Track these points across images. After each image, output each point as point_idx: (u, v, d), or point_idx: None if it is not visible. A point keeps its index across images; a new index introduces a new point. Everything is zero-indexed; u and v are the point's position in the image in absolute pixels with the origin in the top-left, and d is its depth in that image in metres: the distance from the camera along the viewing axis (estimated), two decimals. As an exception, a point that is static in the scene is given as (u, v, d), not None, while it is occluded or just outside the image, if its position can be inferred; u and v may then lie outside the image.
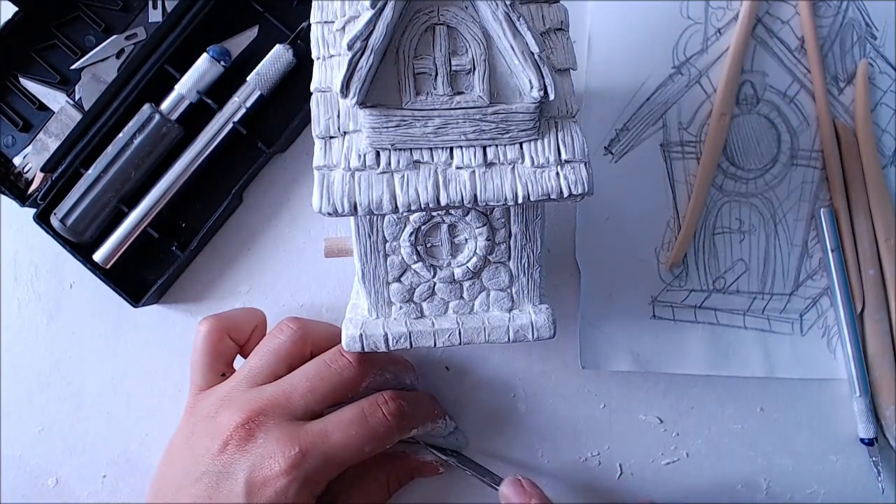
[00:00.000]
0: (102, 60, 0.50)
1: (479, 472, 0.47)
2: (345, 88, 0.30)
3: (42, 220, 0.48)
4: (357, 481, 0.46)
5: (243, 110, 0.49)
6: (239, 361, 0.47)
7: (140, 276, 0.50)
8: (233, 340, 0.46)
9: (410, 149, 0.32)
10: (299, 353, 0.44)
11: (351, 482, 0.45)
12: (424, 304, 0.39)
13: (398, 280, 0.38)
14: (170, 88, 0.48)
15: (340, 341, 0.40)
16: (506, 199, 0.32)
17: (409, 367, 0.47)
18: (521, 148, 0.32)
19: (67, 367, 0.51)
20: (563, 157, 0.32)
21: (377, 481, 0.46)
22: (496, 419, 0.50)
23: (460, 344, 0.39)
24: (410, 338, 0.38)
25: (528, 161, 0.32)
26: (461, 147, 0.32)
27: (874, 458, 0.49)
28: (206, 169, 0.49)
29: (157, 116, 0.48)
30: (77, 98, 0.50)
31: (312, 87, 0.33)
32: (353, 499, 0.45)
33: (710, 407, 0.50)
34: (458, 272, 0.38)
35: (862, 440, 0.49)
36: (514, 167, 0.32)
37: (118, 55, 0.50)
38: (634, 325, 0.50)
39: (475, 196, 0.32)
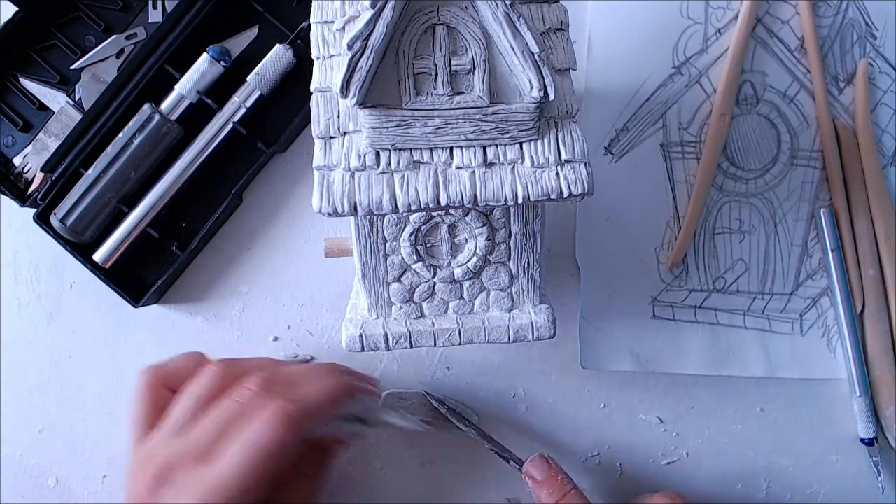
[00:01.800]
0: (102, 60, 0.50)
1: (497, 448, 0.47)
2: (345, 88, 0.30)
3: (42, 220, 0.48)
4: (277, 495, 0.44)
5: (243, 110, 0.49)
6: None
7: (140, 276, 0.50)
8: (170, 390, 0.44)
9: (410, 149, 0.32)
10: (219, 393, 0.42)
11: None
12: (424, 304, 0.39)
13: (398, 280, 0.38)
14: (170, 88, 0.48)
15: (255, 382, 0.40)
16: (506, 199, 0.32)
17: (357, 388, 0.45)
18: (521, 148, 0.32)
19: (67, 367, 0.51)
20: (563, 157, 0.32)
21: (295, 486, 0.44)
22: (496, 419, 0.50)
23: (460, 344, 0.39)
24: (410, 338, 0.38)
25: (528, 161, 0.32)
26: (461, 147, 0.32)
27: (874, 458, 0.49)
28: (206, 169, 0.49)
29: (157, 116, 0.48)
30: (77, 98, 0.50)
31: (312, 87, 0.33)
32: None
33: (710, 407, 0.50)
34: (458, 272, 0.38)
35: (862, 440, 0.49)
36: (514, 167, 0.32)
37: (118, 55, 0.50)
38: (634, 325, 0.50)
39: (475, 196, 0.32)
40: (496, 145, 0.32)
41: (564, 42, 0.35)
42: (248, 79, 0.49)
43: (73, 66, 0.50)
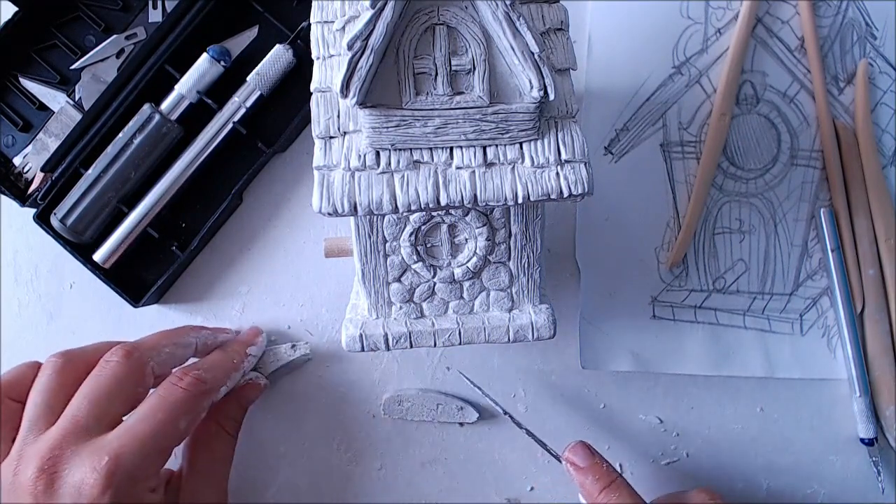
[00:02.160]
0: (102, 60, 0.50)
1: (536, 437, 0.47)
2: (345, 88, 0.30)
3: (42, 220, 0.48)
4: (193, 449, 0.45)
5: (243, 110, 0.49)
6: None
7: (140, 276, 0.50)
8: (15, 401, 0.43)
9: (410, 149, 0.32)
10: (70, 379, 0.42)
11: (189, 454, 0.45)
12: (424, 304, 0.39)
13: (398, 280, 0.38)
14: (170, 88, 0.48)
15: (102, 350, 0.42)
16: (506, 199, 0.32)
17: (195, 329, 0.47)
18: (521, 148, 0.32)
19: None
20: (563, 157, 0.32)
21: (212, 435, 0.46)
22: (496, 419, 0.50)
23: (460, 344, 0.39)
24: (410, 338, 0.38)
25: (528, 161, 0.32)
26: (461, 147, 0.32)
27: (874, 458, 0.49)
28: (206, 169, 0.49)
29: (157, 116, 0.48)
30: (77, 98, 0.50)
31: (312, 87, 0.33)
32: (199, 465, 0.45)
33: (710, 407, 0.50)
34: (458, 272, 0.38)
35: (862, 440, 0.49)
36: (514, 167, 0.32)
37: (118, 55, 0.50)
38: (634, 325, 0.50)
39: (475, 196, 0.32)
40: (496, 145, 0.32)
41: (564, 42, 0.35)
42: (248, 79, 0.49)
43: (73, 66, 0.50)
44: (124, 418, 0.41)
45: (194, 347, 0.46)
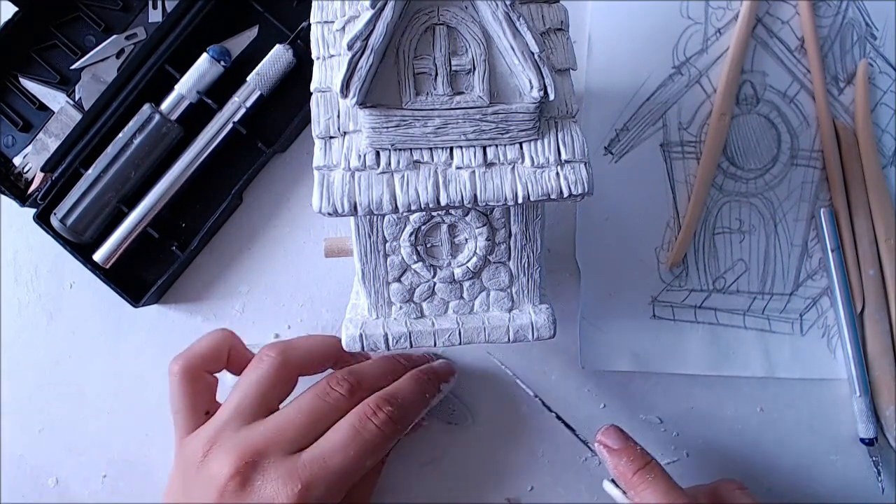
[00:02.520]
0: (102, 60, 0.50)
1: (565, 420, 0.46)
2: (345, 88, 0.30)
3: (42, 220, 0.48)
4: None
5: (243, 110, 0.49)
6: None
7: (140, 276, 0.50)
8: (209, 374, 0.44)
9: (410, 149, 0.32)
10: (283, 380, 0.43)
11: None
12: (424, 304, 0.39)
13: (398, 280, 0.38)
14: (170, 88, 0.48)
15: (324, 359, 0.42)
16: (506, 199, 0.32)
17: (422, 359, 0.46)
18: (521, 148, 0.32)
19: (67, 367, 0.51)
20: (563, 157, 0.32)
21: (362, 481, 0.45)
22: (496, 419, 0.50)
23: (460, 344, 0.39)
24: (410, 338, 0.38)
25: (528, 161, 0.32)
26: (461, 147, 0.32)
27: (874, 458, 0.49)
28: (206, 169, 0.49)
29: (157, 116, 0.48)
30: (77, 98, 0.50)
31: (312, 87, 0.33)
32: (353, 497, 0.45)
33: (710, 407, 0.50)
34: (458, 272, 0.38)
35: (862, 440, 0.49)
36: (514, 167, 0.32)
37: (118, 55, 0.50)
38: (634, 325, 0.50)
39: (475, 196, 0.32)
40: (496, 145, 0.32)
41: (564, 42, 0.35)
42: (248, 79, 0.49)
43: (73, 66, 0.50)
44: (325, 435, 0.41)
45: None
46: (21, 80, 0.50)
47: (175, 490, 0.41)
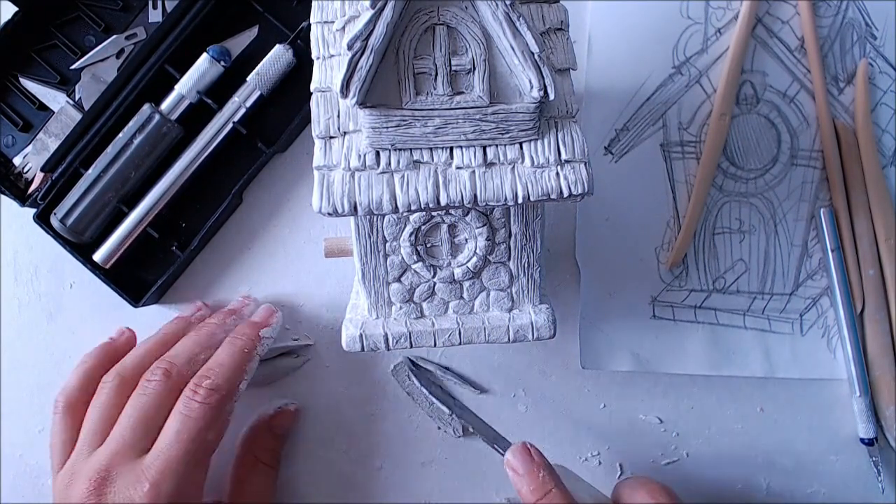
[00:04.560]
0: (102, 60, 0.50)
1: (487, 435, 0.46)
2: (345, 88, 0.30)
3: (42, 220, 0.48)
4: (235, 485, 0.46)
5: (243, 110, 0.49)
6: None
7: (140, 276, 0.50)
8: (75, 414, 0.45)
9: (410, 149, 0.32)
10: (125, 397, 0.43)
11: (231, 490, 0.46)
12: (424, 304, 0.39)
13: (398, 280, 0.38)
14: (170, 88, 0.48)
15: (154, 359, 0.43)
16: (506, 199, 0.32)
17: (220, 326, 0.46)
18: (521, 148, 0.32)
19: (67, 367, 0.50)
20: (563, 157, 0.32)
21: (250, 469, 0.47)
22: (496, 419, 0.50)
23: (460, 344, 0.38)
24: (410, 338, 0.38)
25: (528, 161, 0.32)
26: (461, 147, 0.32)
27: (874, 458, 0.49)
28: (206, 169, 0.49)
29: (157, 116, 0.48)
30: (77, 98, 0.50)
31: (312, 87, 0.33)
32: (243, 501, 0.46)
33: (710, 407, 0.50)
34: (458, 272, 0.38)
35: (862, 440, 0.49)
36: (514, 167, 0.32)
37: (118, 55, 0.50)
38: (634, 325, 0.50)
39: (475, 196, 0.32)
40: (496, 145, 0.32)
41: (564, 42, 0.35)
42: (248, 79, 0.49)
43: (73, 66, 0.50)
44: (161, 433, 0.42)
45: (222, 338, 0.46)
46: (21, 80, 0.50)
47: None
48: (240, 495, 0.46)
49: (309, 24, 0.36)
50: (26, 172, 0.50)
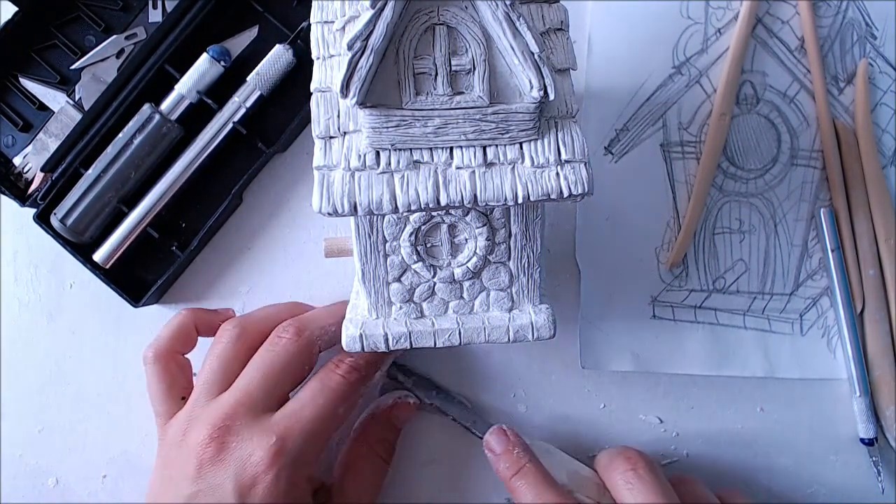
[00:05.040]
0: (102, 60, 0.50)
1: (462, 419, 0.47)
2: (345, 88, 0.30)
3: (42, 220, 0.48)
4: (344, 471, 0.46)
5: (243, 110, 0.49)
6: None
7: (140, 276, 0.50)
8: (181, 355, 0.46)
9: (410, 149, 0.32)
10: (244, 348, 0.44)
11: (340, 475, 0.46)
12: (424, 304, 0.39)
13: (398, 280, 0.38)
14: (170, 88, 0.48)
15: (280, 321, 0.42)
16: (506, 199, 0.32)
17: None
18: (521, 148, 0.32)
19: (67, 367, 0.51)
20: (563, 157, 0.32)
21: (363, 457, 0.46)
22: (496, 419, 0.50)
23: (460, 344, 0.38)
24: (410, 338, 0.38)
25: (528, 161, 0.32)
26: (461, 147, 0.32)
27: (874, 458, 0.49)
28: (206, 169, 0.49)
29: (157, 116, 0.48)
30: (77, 98, 0.50)
31: (312, 87, 0.33)
32: (349, 487, 0.45)
33: (710, 407, 0.50)
34: (458, 272, 0.38)
35: (862, 440, 0.49)
36: (514, 167, 0.32)
37: (118, 55, 0.50)
38: (634, 325, 0.50)
39: (475, 196, 0.32)
40: (496, 145, 0.32)
41: (564, 42, 0.35)
42: (248, 79, 0.49)
43: (73, 66, 0.50)
44: (290, 395, 0.42)
45: None
46: (21, 80, 0.50)
47: (158, 475, 0.42)
48: (349, 480, 0.45)
49: (309, 24, 0.36)
50: (26, 172, 0.50)
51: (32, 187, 0.50)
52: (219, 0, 0.49)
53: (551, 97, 0.31)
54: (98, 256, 0.49)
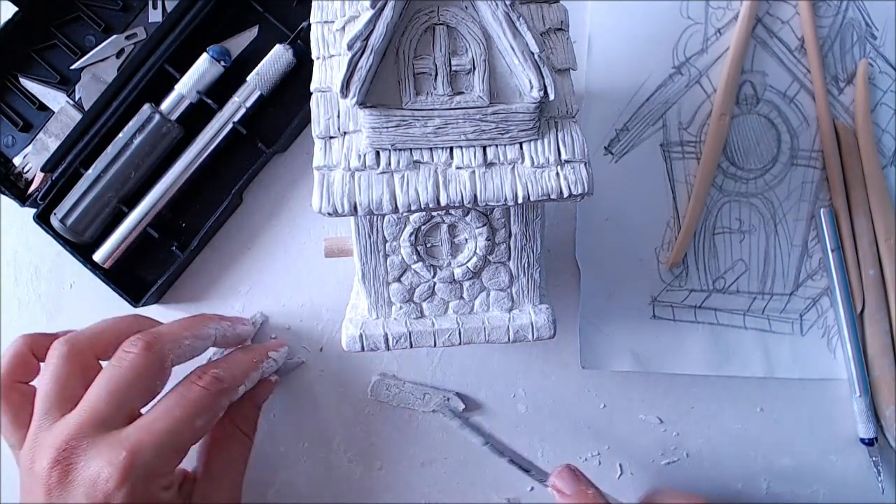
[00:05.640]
0: (102, 60, 0.50)
1: (520, 462, 0.43)
2: (345, 88, 0.30)
3: (42, 220, 0.48)
4: (209, 450, 0.45)
5: (243, 110, 0.49)
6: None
7: (140, 276, 0.50)
8: (27, 385, 0.43)
9: (410, 149, 0.32)
10: (80, 366, 0.41)
11: (205, 455, 0.45)
12: (424, 304, 0.39)
13: (398, 280, 0.38)
14: (170, 88, 0.48)
15: (116, 336, 0.41)
16: (506, 199, 0.32)
17: (214, 319, 0.46)
18: (521, 148, 0.32)
19: (67, 367, 0.51)
20: (563, 157, 0.32)
21: (228, 435, 0.45)
22: (496, 419, 0.50)
23: (460, 344, 0.39)
24: (410, 338, 0.38)
25: (528, 161, 0.32)
26: (461, 147, 0.32)
27: (874, 458, 0.49)
28: (206, 169, 0.49)
29: (157, 116, 0.48)
30: (77, 98, 0.50)
31: (312, 87, 0.33)
32: (215, 466, 0.44)
33: (710, 407, 0.50)
34: (458, 272, 0.38)
35: (862, 440, 0.49)
36: (514, 167, 0.32)
37: (118, 55, 0.50)
38: (634, 325, 0.50)
39: (475, 196, 0.32)
40: (496, 145, 0.32)
41: (564, 42, 0.35)
42: (248, 79, 0.49)
43: (73, 66, 0.50)
44: (142, 411, 0.40)
45: (213, 339, 0.45)
46: (21, 80, 0.50)
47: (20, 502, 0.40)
48: (215, 461, 0.44)
49: (309, 24, 0.36)
50: (26, 172, 0.50)
51: (32, 187, 0.50)
52: (219, 0, 0.49)
53: (551, 97, 0.31)
54: (98, 256, 0.49)
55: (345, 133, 0.32)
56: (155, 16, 0.51)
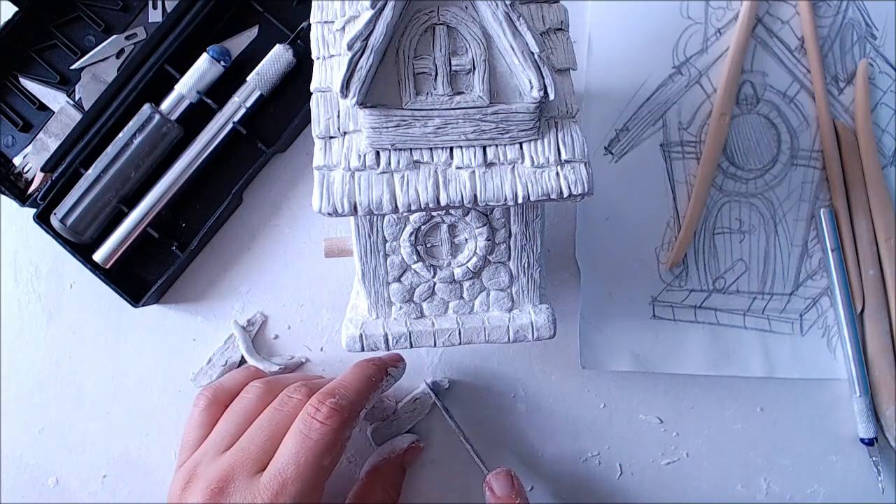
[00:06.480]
0: (102, 60, 0.50)
1: (477, 453, 0.47)
2: (345, 88, 0.30)
3: (42, 220, 0.48)
4: None
5: (243, 110, 0.49)
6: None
7: (140, 276, 0.50)
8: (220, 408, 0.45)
9: (410, 149, 0.32)
10: (264, 407, 0.43)
11: None
12: (424, 304, 0.39)
13: (398, 280, 0.38)
14: (170, 88, 0.48)
15: (315, 386, 0.41)
16: (506, 199, 0.32)
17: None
18: (521, 148, 0.32)
19: (67, 367, 0.51)
20: (563, 157, 0.32)
21: (376, 499, 0.46)
22: (496, 419, 0.50)
23: (460, 344, 0.39)
24: (410, 338, 0.38)
25: (528, 161, 0.32)
26: (461, 147, 0.32)
27: (874, 458, 0.49)
28: (206, 169, 0.49)
29: (157, 116, 0.48)
30: (77, 98, 0.50)
31: (312, 87, 0.33)
32: None
33: (710, 407, 0.50)
34: (458, 272, 0.38)
35: (862, 440, 0.49)
36: (514, 167, 0.32)
37: (118, 55, 0.50)
38: (634, 325, 0.50)
39: (475, 196, 0.32)
40: (496, 145, 0.32)
41: (564, 42, 0.35)
42: (248, 79, 0.49)
43: (73, 66, 0.50)
44: (278, 449, 0.40)
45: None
46: (21, 80, 0.50)
47: None
48: None
49: (309, 24, 0.36)
50: (26, 172, 0.50)
51: (32, 187, 0.50)
52: (219, 0, 0.49)
53: (551, 97, 0.31)
54: (98, 256, 0.49)
55: (345, 133, 0.32)
56: (155, 16, 0.51)
